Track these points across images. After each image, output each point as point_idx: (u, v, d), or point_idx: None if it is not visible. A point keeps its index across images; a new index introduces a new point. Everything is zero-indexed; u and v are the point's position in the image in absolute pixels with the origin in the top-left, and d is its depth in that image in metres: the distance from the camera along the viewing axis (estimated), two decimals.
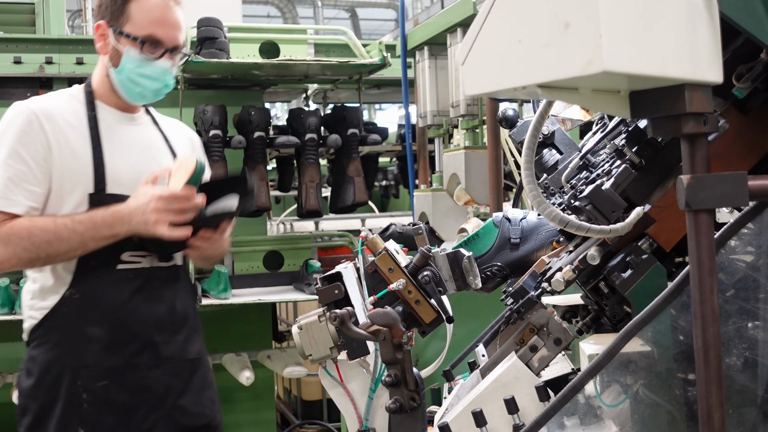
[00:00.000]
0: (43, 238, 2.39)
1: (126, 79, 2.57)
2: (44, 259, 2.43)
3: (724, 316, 1.44)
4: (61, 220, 2.43)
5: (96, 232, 2.42)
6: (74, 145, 2.49)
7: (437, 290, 1.89)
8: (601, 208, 1.68)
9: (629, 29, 1.04)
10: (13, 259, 2.41)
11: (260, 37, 5.54)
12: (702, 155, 1.21)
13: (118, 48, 2.56)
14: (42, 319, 2.51)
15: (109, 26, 2.57)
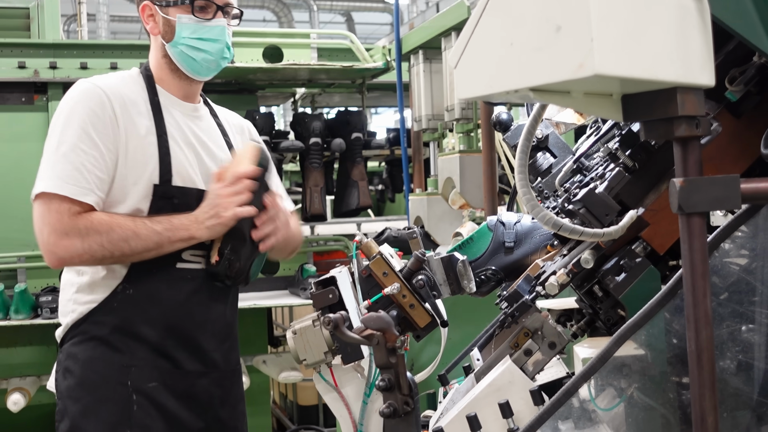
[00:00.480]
0: (122, 236, 2.24)
1: (186, 48, 2.43)
2: (116, 258, 2.28)
3: (717, 320, 1.44)
4: (140, 219, 2.29)
5: (174, 233, 2.29)
6: (141, 132, 2.35)
7: (432, 294, 1.89)
8: (595, 212, 1.68)
9: (621, 32, 1.04)
10: (86, 255, 2.24)
11: (263, 41, 5.58)
12: (694, 158, 1.21)
13: (169, 20, 2.43)
14: (87, 313, 2.34)
15: (155, 3, 2.45)
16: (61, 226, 2.21)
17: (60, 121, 2.31)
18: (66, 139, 2.26)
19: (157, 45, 2.49)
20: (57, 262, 2.26)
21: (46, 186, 2.23)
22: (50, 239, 2.23)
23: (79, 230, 2.21)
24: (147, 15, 2.48)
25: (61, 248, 2.23)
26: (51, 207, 2.23)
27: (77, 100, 2.31)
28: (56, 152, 2.26)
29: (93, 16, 12.87)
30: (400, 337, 1.72)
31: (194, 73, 2.49)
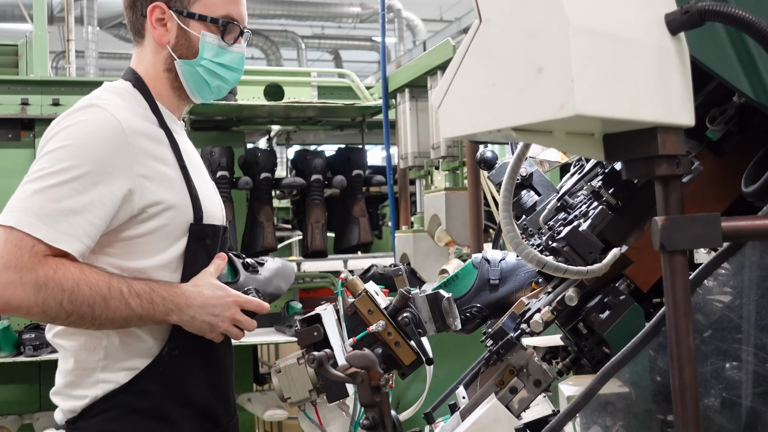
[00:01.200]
0: (87, 299, 1.85)
1: (204, 72, 2.10)
2: (71, 322, 1.90)
3: (701, 357, 1.45)
4: (117, 283, 1.91)
5: (149, 312, 1.94)
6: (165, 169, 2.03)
7: (417, 332, 1.89)
8: (579, 250, 1.69)
9: (601, 73, 1.05)
10: (36, 308, 1.82)
11: (265, 79, 5.64)
12: (676, 197, 1.22)
13: (188, 34, 2.08)
14: (127, 382, 1.98)
15: (171, 8, 2.07)
16: (17, 265, 1.80)
17: (55, 148, 1.91)
18: (59, 173, 1.87)
19: (161, 56, 2.12)
20: (2, 306, 1.83)
21: (17, 221, 1.82)
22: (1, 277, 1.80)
23: (37, 278, 1.80)
24: (156, 19, 2.08)
25: (10, 292, 1.80)
26: (10, 238, 1.82)
27: (86, 130, 1.93)
28: (41, 182, 1.87)
29: (82, 53, 12.90)
30: (385, 375, 1.72)
31: (200, 97, 2.18)
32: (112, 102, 2.01)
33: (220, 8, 2.09)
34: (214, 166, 5.25)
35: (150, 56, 2.14)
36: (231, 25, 2.11)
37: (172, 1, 2.07)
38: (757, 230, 1.28)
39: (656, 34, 1.18)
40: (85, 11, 12.57)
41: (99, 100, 2.00)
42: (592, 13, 1.07)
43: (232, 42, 2.13)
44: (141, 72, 2.14)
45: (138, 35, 2.16)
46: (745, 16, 1.20)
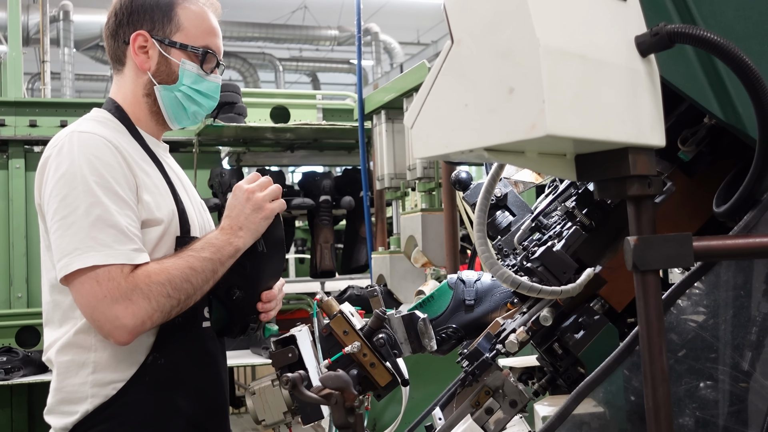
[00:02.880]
0: (182, 277, 1.99)
1: (182, 97, 2.21)
2: (182, 305, 2.01)
3: (674, 376, 1.45)
4: (184, 252, 2.04)
5: (221, 253, 2.06)
6: (153, 180, 2.12)
7: (392, 353, 1.88)
8: (553, 270, 1.70)
9: (572, 94, 1.06)
10: (156, 314, 1.96)
11: (271, 101, 5.71)
12: (648, 217, 1.23)
13: (169, 61, 2.18)
14: (116, 394, 2.03)
15: (153, 36, 2.18)
16: (121, 293, 1.92)
17: (76, 183, 1.97)
18: (95, 204, 1.96)
19: (141, 82, 2.21)
20: (128, 336, 1.95)
21: (97, 258, 1.92)
22: (113, 312, 1.92)
23: (141, 290, 1.94)
24: (138, 46, 2.18)
25: (130, 317, 1.92)
26: (99, 278, 1.92)
27: (83, 154, 2.00)
28: (86, 219, 1.94)
29: (58, 75, 12.86)
30: (359, 397, 1.71)
31: (176, 122, 2.28)
32: (92, 127, 2.09)
33: (200, 39, 2.20)
34: (224, 188, 5.31)
35: (130, 82, 2.23)
36: (209, 55, 2.22)
37: (154, 30, 2.18)
38: (728, 250, 1.29)
39: (627, 56, 1.19)
40: (61, 33, 12.54)
41: (81, 128, 2.07)
42: (562, 35, 1.08)
43: (209, 72, 2.24)
44: (120, 99, 2.23)
45: (119, 63, 2.25)
46: (714, 39, 1.21)
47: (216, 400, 2.22)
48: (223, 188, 5.35)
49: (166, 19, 2.18)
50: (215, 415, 2.20)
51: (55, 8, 12.45)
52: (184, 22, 2.19)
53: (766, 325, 1.43)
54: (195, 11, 2.21)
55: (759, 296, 1.44)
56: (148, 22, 2.18)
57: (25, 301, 5.73)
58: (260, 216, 2.13)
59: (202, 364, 2.15)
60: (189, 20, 2.20)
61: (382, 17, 16.79)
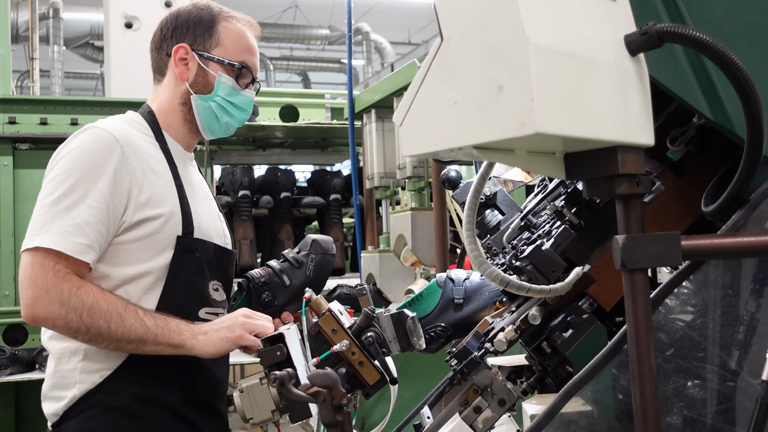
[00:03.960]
0: (104, 315, 2.01)
1: (216, 107, 2.32)
2: (90, 337, 2.03)
3: (663, 375, 1.46)
4: (132, 305, 2.07)
5: (164, 331, 2.07)
6: (159, 179, 2.19)
7: (381, 351, 1.88)
8: (541, 268, 1.70)
9: (561, 92, 1.06)
10: (60, 321, 1.99)
11: (281, 101, 5.74)
12: (636, 216, 1.23)
13: (207, 73, 2.31)
14: (102, 382, 2.10)
15: (194, 50, 2.32)
16: (42, 282, 2.00)
17: (63, 170, 2.09)
18: (70, 192, 2.06)
19: (178, 91, 2.34)
20: (31, 319, 2.02)
21: (41, 241, 2.01)
22: (29, 293, 2.00)
23: (62, 292, 1.99)
24: (179, 58, 2.32)
25: (39, 305, 1.99)
26: (35, 260, 2.01)
27: (84, 148, 2.11)
28: (56, 205, 2.04)
29: (47, 72, 12.80)
30: (347, 395, 1.70)
31: (208, 131, 2.39)
32: (113, 123, 2.21)
33: (237, 55, 2.34)
34: (235, 186, 5.35)
35: (167, 92, 2.36)
36: (245, 70, 2.34)
37: (195, 44, 2.33)
38: (716, 249, 1.29)
39: (616, 55, 1.19)
40: (51, 30, 12.46)
41: (99, 123, 2.19)
42: (552, 33, 1.08)
43: (245, 87, 2.36)
44: (155, 106, 2.37)
45: (159, 73, 2.39)
46: (702, 38, 1.21)
47: (204, 393, 2.26)
48: (234, 186, 5.39)
49: (207, 35, 2.33)
50: (201, 409, 2.24)
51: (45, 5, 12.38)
52: (223, 39, 2.33)
53: (753, 324, 1.43)
54: (234, 29, 2.35)
55: (747, 295, 1.45)
56: (190, 36, 2.33)
57: (13, 299, 5.71)
58: (228, 334, 2.11)
59: (190, 357, 2.14)
60: (228, 37, 2.34)
61: (373, 17, 16.77)
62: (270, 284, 2.35)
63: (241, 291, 2.37)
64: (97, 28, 13.41)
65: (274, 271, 2.38)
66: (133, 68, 7.30)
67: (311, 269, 2.28)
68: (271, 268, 2.40)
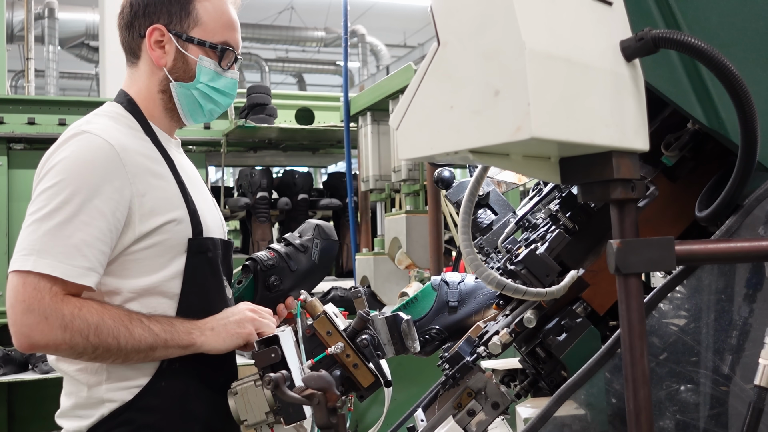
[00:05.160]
0: (111, 331, 1.87)
1: (199, 95, 2.12)
2: (97, 356, 1.90)
3: (656, 380, 1.46)
4: (135, 314, 1.93)
5: (172, 335, 1.94)
6: (162, 184, 2.02)
7: (375, 354, 1.89)
8: (536, 272, 1.71)
9: (557, 97, 1.07)
10: (64, 346, 1.84)
11: (296, 104, 5.78)
12: (631, 220, 1.24)
13: (186, 57, 2.09)
14: (132, 399, 1.96)
15: (170, 31, 2.08)
16: (39, 307, 1.83)
17: (53, 183, 1.90)
18: (62, 207, 1.87)
19: (156, 78, 2.13)
20: (28, 347, 1.86)
21: (34, 264, 1.83)
22: (24, 320, 1.83)
23: (63, 316, 1.83)
24: (154, 41, 2.09)
25: (38, 333, 1.83)
26: (27, 283, 1.84)
27: (77, 158, 1.91)
28: (47, 221, 1.86)
29: (42, 72, 12.79)
30: (342, 397, 1.71)
31: (191, 119, 2.19)
32: (104, 125, 2.00)
33: (218, 34, 2.12)
34: (254, 187, 5.39)
35: (144, 77, 2.14)
36: (228, 51, 2.13)
37: (171, 24, 2.09)
38: (709, 254, 1.30)
39: (611, 60, 1.20)
40: (46, 30, 12.46)
41: (89, 125, 1.99)
42: (548, 38, 1.09)
43: (227, 68, 2.15)
44: (133, 93, 2.15)
45: (133, 55, 2.17)
46: (698, 44, 1.22)
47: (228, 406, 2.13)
48: (253, 188, 5.42)
49: (183, 13, 2.09)
50: (230, 419, 2.07)
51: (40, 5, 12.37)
52: (202, 16, 2.10)
53: (746, 329, 1.44)
54: (214, 4, 2.13)
55: (740, 300, 1.45)
56: (165, 15, 2.09)
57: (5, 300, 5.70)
58: (238, 329, 2.02)
59: (216, 366, 2.07)
60: (208, 14, 2.11)
61: (369, 19, 16.78)
62: (277, 268, 2.26)
63: (248, 273, 2.28)
64: (93, 29, 13.40)
65: (280, 255, 2.28)
66: None
67: (317, 254, 2.22)
68: (276, 251, 2.29)
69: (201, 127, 6.20)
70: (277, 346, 1.87)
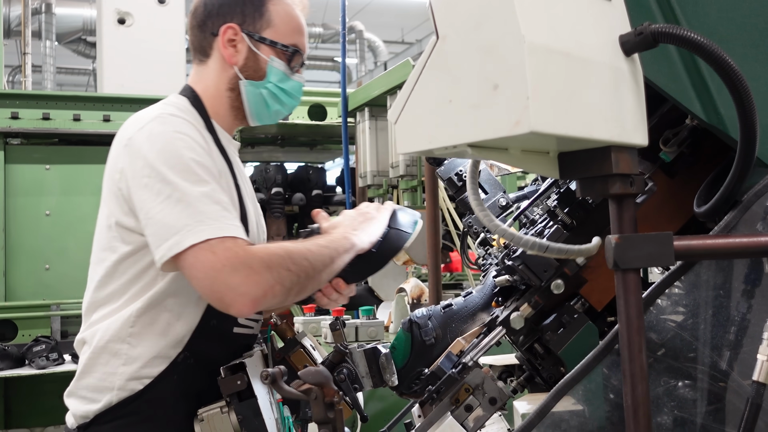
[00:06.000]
0: (300, 254, 1.87)
1: (268, 95, 2.15)
2: (302, 285, 1.88)
3: (654, 375, 1.46)
4: (293, 240, 1.95)
5: (336, 243, 1.96)
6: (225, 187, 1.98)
7: (353, 387, 1.88)
8: (533, 268, 1.70)
9: (556, 91, 1.06)
10: (277, 286, 1.81)
11: (309, 100, 5.77)
12: (629, 215, 1.24)
13: (258, 57, 2.13)
14: (143, 389, 1.95)
15: (243, 30, 2.12)
16: (240, 261, 1.81)
17: (174, 162, 1.89)
18: (197, 179, 1.88)
19: (226, 76, 2.15)
20: (251, 304, 1.81)
21: (211, 232, 1.82)
22: (235, 279, 1.80)
23: (261, 259, 1.82)
24: (227, 39, 2.12)
25: (253, 284, 1.80)
26: (215, 249, 1.81)
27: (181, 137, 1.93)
28: (192, 195, 1.86)
29: (39, 68, 12.76)
30: (338, 392, 1.71)
31: (257, 119, 2.21)
32: (173, 108, 2.04)
33: (288, 37, 2.15)
34: (269, 183, 5.40)
35: (213, 75, 2.16)
36: (297, 54, 2.17)
37: (244, 24, 2.12)
38: (708, 249, 1.30)
39: (611, 55, 1.20)
40: (43, 25, 12.43)
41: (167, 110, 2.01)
42: (547, 33, 1.08)
43: (294, 71, 2.18)
44: (200, 90, 2.16)
45: (203, 54, 2.19)
46: (697, 39, 1.22)
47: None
48: (268, 184, 5.42)
49: (257, 14, 2.13)
50: None
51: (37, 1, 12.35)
52: (275, 19, 2.14)
53: (744, 325, 1.44)
54: (286, 8, 2.17)
55: (738, 296, 1.45)
56: (238, 15, 2.13)
57: (3, 295, 5.69)
58: (373, 224, 2.06)
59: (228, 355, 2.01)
60: (280, 17, 2.15)
61: (367, 15, 16.75)
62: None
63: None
64: (90, 24, 13.36)
65: None
66: (125, 64, 7.29)
67: (378, 243, 2.05)
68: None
69: None
70: (243, 372, 1.84)
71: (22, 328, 5.72)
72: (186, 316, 1.97)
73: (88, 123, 6.09)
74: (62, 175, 6.05)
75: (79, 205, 6.04)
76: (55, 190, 6.02)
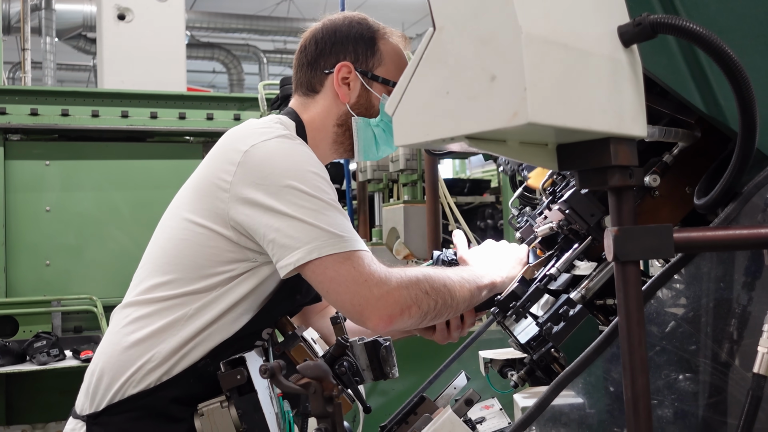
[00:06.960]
0: (439, 280, 1.92)
1: (380, 132, 2.17)
2: (440, 309, 1.92)
3: (654, 368, 1.46)
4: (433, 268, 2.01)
5: (477, 278, 2.01)
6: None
7: (354, 380, 1.89)
8: (580, 211, 1.67)
9: (554, 82, 1.06)
10: (414, 306, 1.85)
11: None
12: (629, 207, 1.23)
13: (370, 95, 2.16)
14: (158, 386, 1.94)
15: (357, 69, 2.15)
16: (378, 278, 1.84)
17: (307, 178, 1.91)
18: (321, 196, 1.90)
19: (336, 111, 2.17)
20: (388, 319, 1.84)
21: (348, 245, 1.86)
22: (373, 294, 1.83)
23: (398, 278, 1.86)
24: (341, 77, 2.15)
25: (392, 302, 1.83)
26: (355, 263, 1.85)
27: (305, 159, 1.96)
28: (326, 209, 1.89)
29: (39, 64, 12.75)
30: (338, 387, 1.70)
31: (364, 155, 2.21)
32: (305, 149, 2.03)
33: (397, 75, 2.13)
34: None
35: (321, 110, 2.18)
36: None
37: (357, 63, 2.15)
38: (708, 241, 1.29)
39: (609, 46, 1.19)
40: (43, 21, 12.40)
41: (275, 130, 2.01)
42: (545, 23, 1.08)
43: None
44: (306, 119, 2.17)
45: (311, 90, 2.20)
46: (696, 30, 1.21)
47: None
48: None
49: (369, 52, 2.17)
50: None
51: None
52: (385, 57, 2.18)
53: (745, 316, 1.44)
54: (393, 47, 2.21)
55: (738, 288, 1.45)
56: (351, 54, 2.16)
57: (3, 291, 5.69)
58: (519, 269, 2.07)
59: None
60: (389, 55, 2.19)
61: (367, 10, 16.51)
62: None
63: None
64: (90, 20, 13.35)
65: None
66: (125, 60, 7.29)
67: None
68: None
69: (204, 118, 6.19)
70: (243, 367, 1.84)
71: (22, 324, 5.72)
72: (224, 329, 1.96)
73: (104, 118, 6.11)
74: (62, 171, 6.05)
75: (80, 200, 6.04)
76: (56, 185, 6.02)
